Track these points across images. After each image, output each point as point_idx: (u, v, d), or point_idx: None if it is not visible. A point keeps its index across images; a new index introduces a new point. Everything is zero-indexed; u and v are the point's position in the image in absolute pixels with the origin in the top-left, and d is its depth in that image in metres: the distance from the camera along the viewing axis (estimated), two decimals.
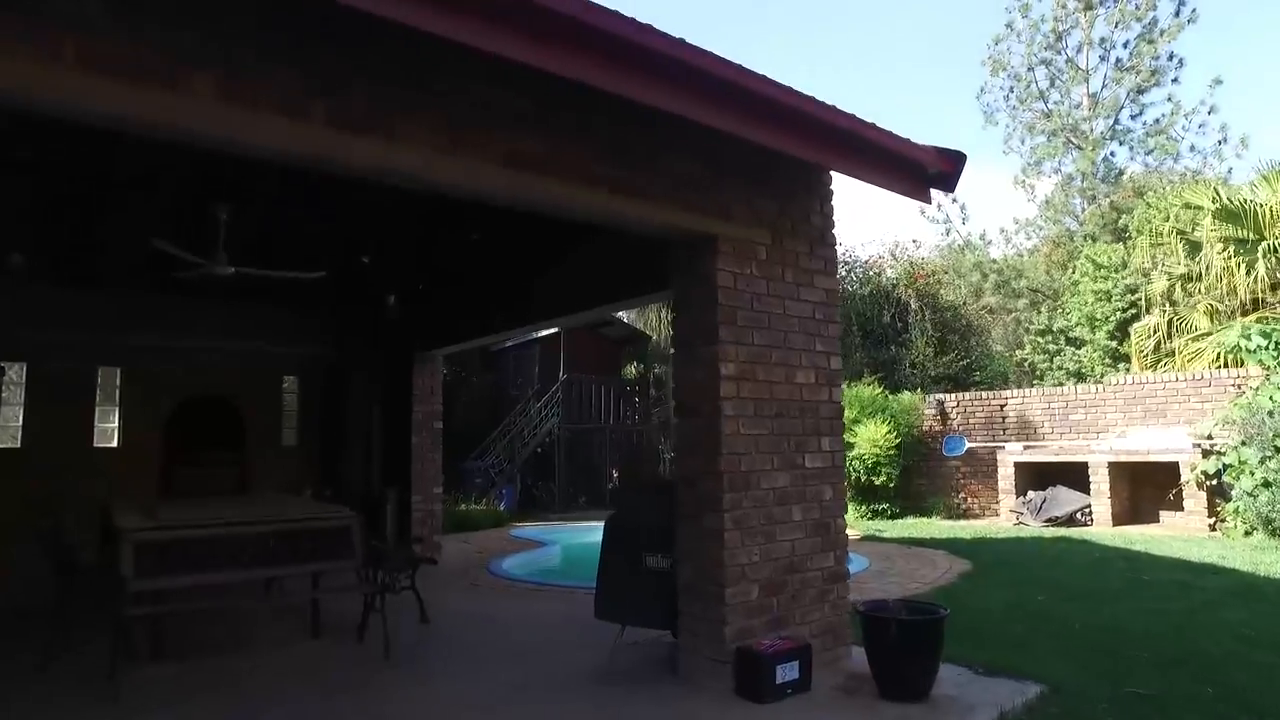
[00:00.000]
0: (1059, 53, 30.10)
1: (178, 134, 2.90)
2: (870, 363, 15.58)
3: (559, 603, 6.82)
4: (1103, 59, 29.34)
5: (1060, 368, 20.46)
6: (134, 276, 8.13)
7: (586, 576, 9.98)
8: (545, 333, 17.58)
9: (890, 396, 13.78)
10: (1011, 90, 30.81)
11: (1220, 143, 27.23)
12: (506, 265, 7.48)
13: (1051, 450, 12.32)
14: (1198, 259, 14.98)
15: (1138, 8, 28.44)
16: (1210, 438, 10.76)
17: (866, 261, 17.10)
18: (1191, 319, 14.96)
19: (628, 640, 5.00)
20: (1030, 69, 30.58)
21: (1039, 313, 24.16)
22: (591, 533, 14.21)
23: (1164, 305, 16.27)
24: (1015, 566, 7.81)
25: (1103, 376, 19.33)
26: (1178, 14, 28.29)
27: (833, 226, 5.27)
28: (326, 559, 5.25)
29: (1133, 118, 29.36)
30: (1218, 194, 15.09)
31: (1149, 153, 29.32)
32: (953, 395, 13.93)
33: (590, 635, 5.34)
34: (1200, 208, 15.49)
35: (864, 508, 13.37)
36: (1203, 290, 15.42)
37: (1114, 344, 21.38)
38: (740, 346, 4.58)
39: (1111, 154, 29.32)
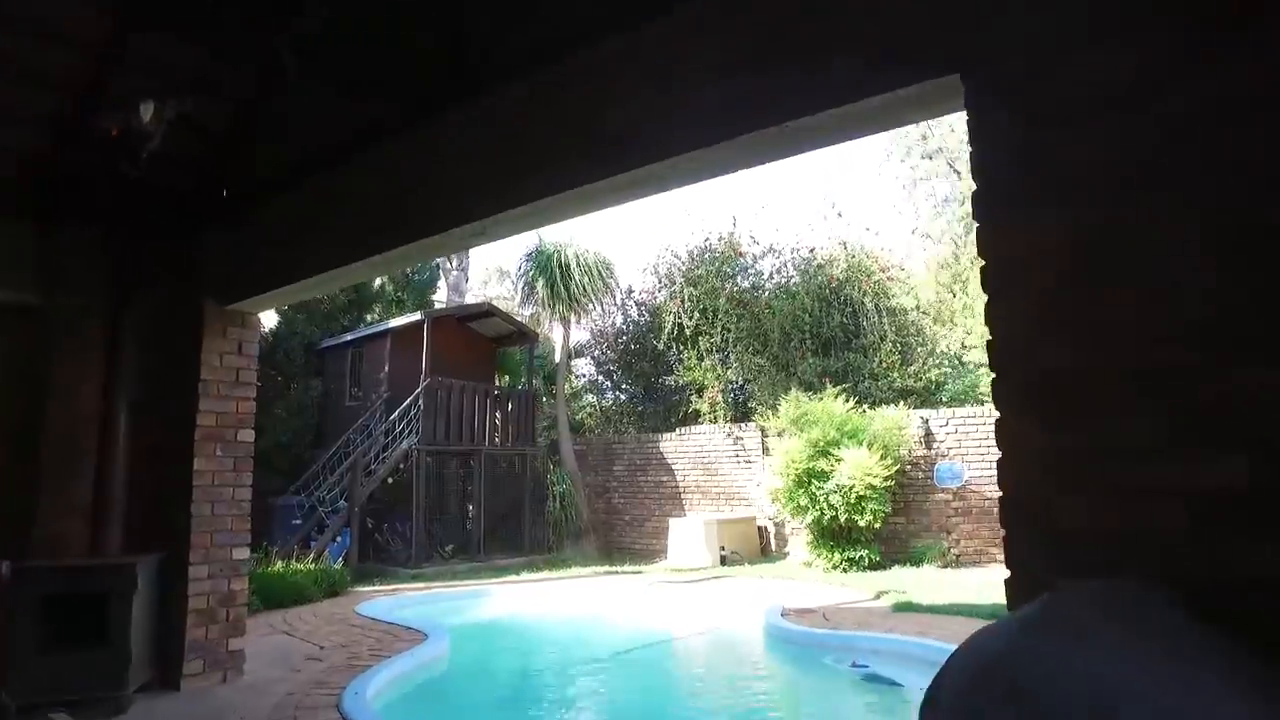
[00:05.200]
0: None
1: None
2: (821, 372, 12.69)
3: None
4: None
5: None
6: None
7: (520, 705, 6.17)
8: (399, 322, 13.27)
9: (867, 413, 10.85)
10: None
11: None
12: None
13: None
14: None
15: None
16: None
17: (812, 250, 14.36)
18: None
19: None
20: None
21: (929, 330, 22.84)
22: (477, 601, 9.45)
23: None
24: None
25: (976, 406, 17.84)
26: None
27: None
28: None
29: None
30: None
31: None
32: (939, 413, 11.26)
33: None
34: None
35: (837, 555, 10.29)
36: None
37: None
38: None
39: None
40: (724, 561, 11.60)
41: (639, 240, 45.64)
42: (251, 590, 7.82)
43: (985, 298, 2.15)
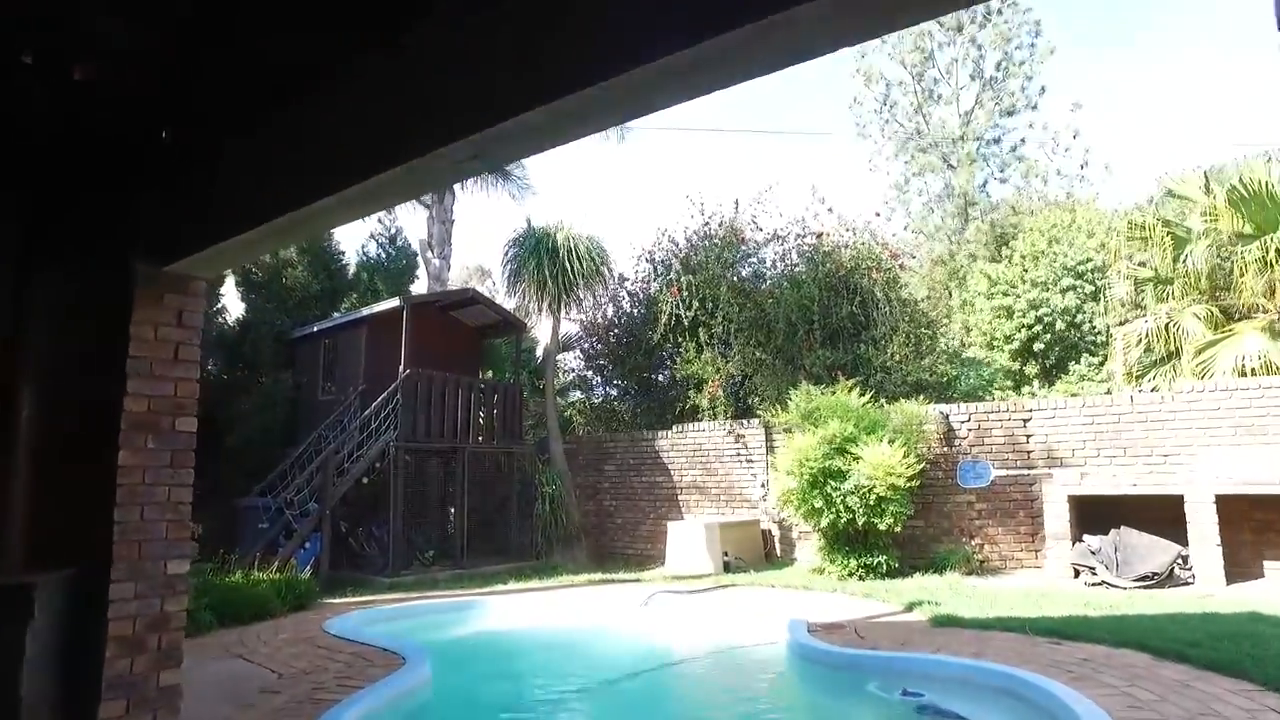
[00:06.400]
0: (928, 70, 29.22)
1: None
2: (829, 365, 11.89)
3: None
4: (973, 77, 28.77)
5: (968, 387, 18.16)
6: None
7: None
8: (376, 309, 12.31)
9: (885, 408, 10.04)
10: (884, 104, 29.59)
11: (1083, 166, 27.24)
12: None
13: (1110, 479, 9.13)
14: (1183, 256, 12.85)
15: (1003, 37, 28.07)
16: None
17: (819, 236, 13.50)
18: (1182, 323, 12.70)
19: None
20: (901, 82, 29.54)
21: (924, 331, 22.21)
22: (461, 615, 7.93)
23: (1134, 308, 14.16)
24: None
25: (1000, 401, 17.24)
26: (1034, 45, 28.32)
27: None
28: None
29: (995, 142, 28.97)
30: (1209, 182, 13.13)
31: (1004, 179, 28.97)
32: (960, 407, 10.48)
33: None
34: (1188, 199, 13.51)
35: (852, 561, 9.47)
36: (1178, 292, 13.37)
37: (1016, 364, 19.57)
38: None
39: (984, 183, 28.67)
40: (727, 568, 10.76)
41: (634, 231, 44.85)
42: (204, 605, 6.91)
43: None
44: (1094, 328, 18.85)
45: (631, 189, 47.02)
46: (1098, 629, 5.99)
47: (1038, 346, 19.24)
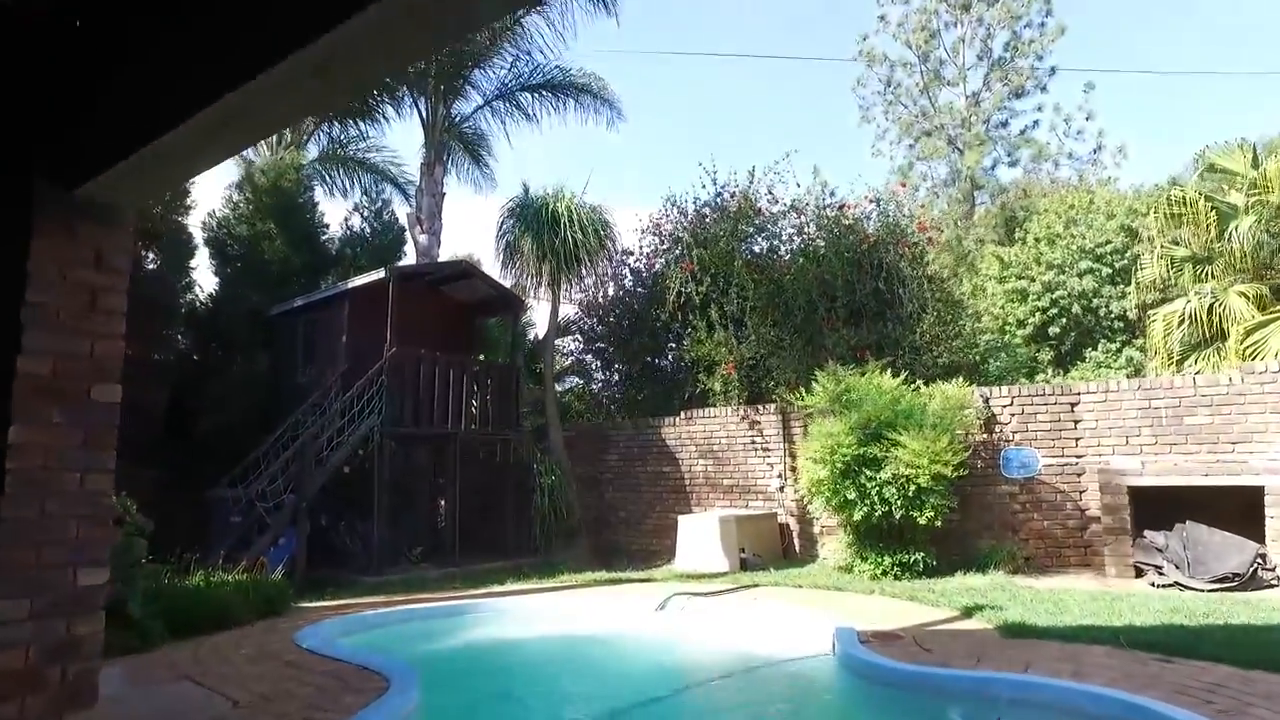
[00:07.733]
0: (934, 50, 28.29)
1: None
2: (853, 345, 10.96)
3: None
4: (980, 58, 27.86)
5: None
6: None
7: None
8: (359, 282, 11.28)
9: (923, 390, 9.12)
10: (888, 85, 28.65)
11: (1097, 150, 26.43)
12: None
13: (1173, 468, 8.27)
14: (1227, 232, 12.00)
15: (1010, 15, 27.15)
16: None
17: (842, 208, 12.53)
18: (1227, 303, 11.86)
19: None
20: (906, 64, 28.60)
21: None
22: (453, 621, 6.53)
23: (1167, 288, 13.34)
24: None
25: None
26: (1044, 25, 27.43)
27: None
28: None
29: (1003, 125, 28.10)
30: (1256, 154, 12.29)
31: (1013, 162, 28.09)
32: (1001, 390, 9.58)
33: None
34: (1232, 172, 12.65)
35: (886, 559, 8.58)
36: (1219, 271, 12.56)
37: (1030, 349, 18.75)
38: None
39: (993, 166, 27.79)
40: (744, 566, 9.85)
41: (637, 207, 43.73)
42: (155, 613, 5.94)
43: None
44: (1110, 312, 18.07)
45: (629, 176, 45.91)
46: (1208, 642, 5.10)
47: (1053, 331, 18.46)
